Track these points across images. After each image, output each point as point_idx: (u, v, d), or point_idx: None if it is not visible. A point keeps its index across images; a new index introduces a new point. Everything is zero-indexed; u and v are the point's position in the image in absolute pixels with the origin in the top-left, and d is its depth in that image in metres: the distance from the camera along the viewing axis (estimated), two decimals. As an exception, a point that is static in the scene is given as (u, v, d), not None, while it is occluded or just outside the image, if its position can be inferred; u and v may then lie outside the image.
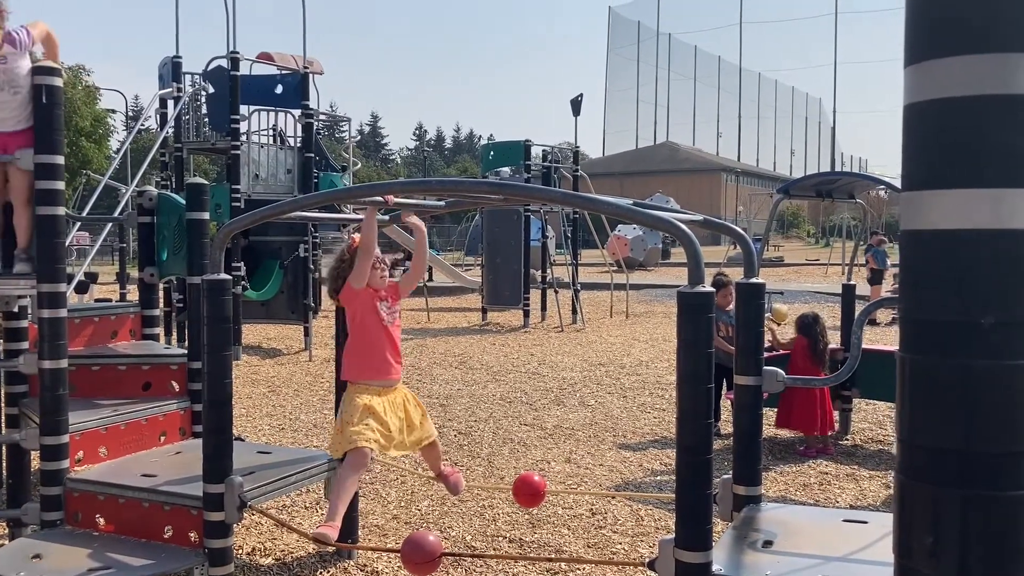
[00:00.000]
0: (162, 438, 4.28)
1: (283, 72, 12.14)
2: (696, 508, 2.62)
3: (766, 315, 8.46)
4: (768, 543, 2.91)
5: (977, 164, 1.45)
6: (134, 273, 17.00)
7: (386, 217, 3.97)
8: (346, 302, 3.73)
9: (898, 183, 5.80)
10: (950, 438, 1.45)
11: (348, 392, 3.74)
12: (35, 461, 4.67)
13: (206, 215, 4.51)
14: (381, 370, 3.73)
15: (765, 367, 3.28)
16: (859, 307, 6.31)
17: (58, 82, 3.70)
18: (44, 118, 3.66)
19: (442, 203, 3.87)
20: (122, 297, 13.09)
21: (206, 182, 4.62)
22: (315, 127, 12.43)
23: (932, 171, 1.49)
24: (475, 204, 3.77)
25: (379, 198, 3.46)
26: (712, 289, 2.58)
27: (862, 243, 14.36)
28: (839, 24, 79.27)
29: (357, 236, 3.72)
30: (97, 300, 14.72)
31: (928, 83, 1.49)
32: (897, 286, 14.69)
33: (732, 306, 6.94)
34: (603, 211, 2.94)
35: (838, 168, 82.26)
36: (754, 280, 3.29)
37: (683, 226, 2.64)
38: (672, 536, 2.65)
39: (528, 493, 4.02)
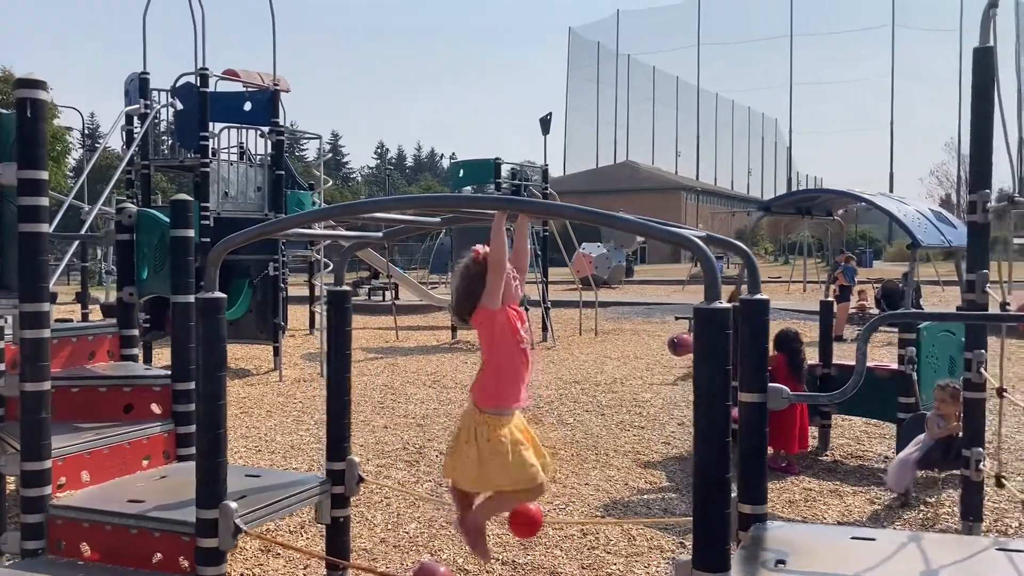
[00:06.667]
0: (145, 462, 4.15)
1: (251, 89, 12.01)
2: (714, 528, 2.58)
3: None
4: (780, 562, 2.87)
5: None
6: (96, 293, 16.55)
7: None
8: (480, 325, 3.30)
9: (874, 200, 5.77)
10: None
11: (478, 420, 3.27)
12: (11, 485, 4.52)
13: (191, 232, 4.40)
14: (519, 397, 3.33)
15: (770, 384, 3.26)
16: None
17: (43, 96, 3.59)
18: (28, 133, 3.54)
19: (437, 219, 3.81)
20: (84, 317, 12.80)
21: (191, 199, 4.51)
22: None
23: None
24: (472, 220, 3.69)
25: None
26: (730, 306, 2.56)
27: (827, 260, 14.52)
28: (794, 45, 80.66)
29: (480, 248, 3.30)
30: (58, 320, 14.36)
31: None
32: (863, 303, 14.82)
33: None
34: (617, 226, 2.91)
35: (794, 186, 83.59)
36: (759, 296, 3.27)
37: (701, 243, 2.62)
38: (688, 558, 2.61)
39: (524, 523, 3.78)
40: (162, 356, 11.54)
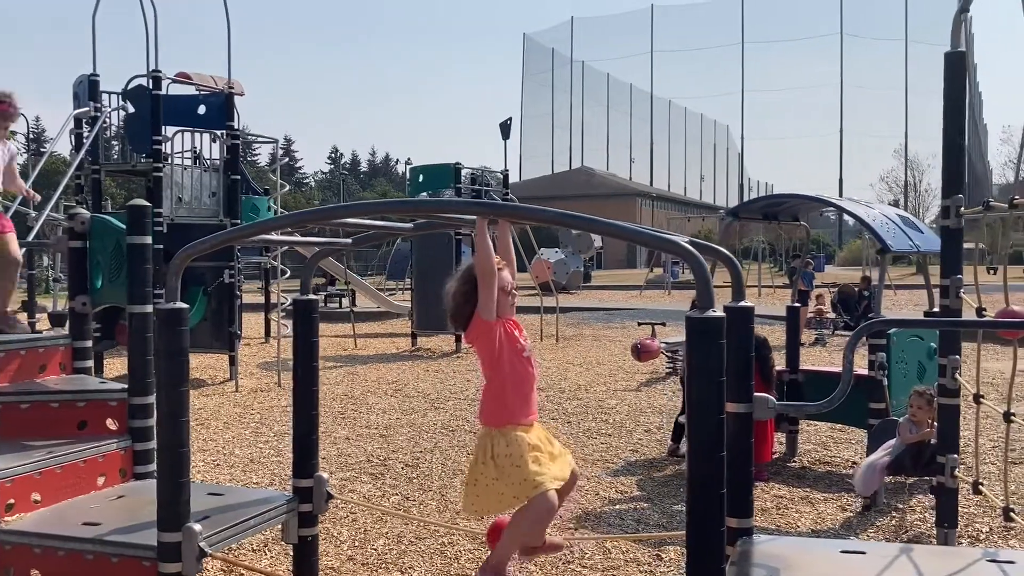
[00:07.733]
0: (101, 481, 3.94)
1: (205, 92, 11.72)
2: (710, 547, 2.49)
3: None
4: (773, 579, 2.79)
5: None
6: (43, 301, 16.01)
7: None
8: (477, 340, 3.20)
9: (842, 204, 5.73)
10: None
11: (494, 436, 3.20)
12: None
13: (148, 239, 4.21)
14: (530, 409, 3.25)
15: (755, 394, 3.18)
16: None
17: (-11, 94, 3.39)
18: (-26, 133, 3.34)
19: (409, 225, 3.67)
20: (31, 327, 12.37)
21: (148, 203, 4.31)
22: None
23: None
24: (443, 226, 3.57)
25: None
26: (723, 314, 2.46)
27: (791, 263, 14.64)
28: (746, 53, 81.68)
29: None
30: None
31: None
32: (820, 307, 14.94)
33: None
34: (603, 232, 2.81)
35: (746, 192, 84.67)
36: (743, 304, 3.19)
37: (693, 250, 2.53)
38: (681, 577, 2.52)
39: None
40: (114, 367, 11.21)
